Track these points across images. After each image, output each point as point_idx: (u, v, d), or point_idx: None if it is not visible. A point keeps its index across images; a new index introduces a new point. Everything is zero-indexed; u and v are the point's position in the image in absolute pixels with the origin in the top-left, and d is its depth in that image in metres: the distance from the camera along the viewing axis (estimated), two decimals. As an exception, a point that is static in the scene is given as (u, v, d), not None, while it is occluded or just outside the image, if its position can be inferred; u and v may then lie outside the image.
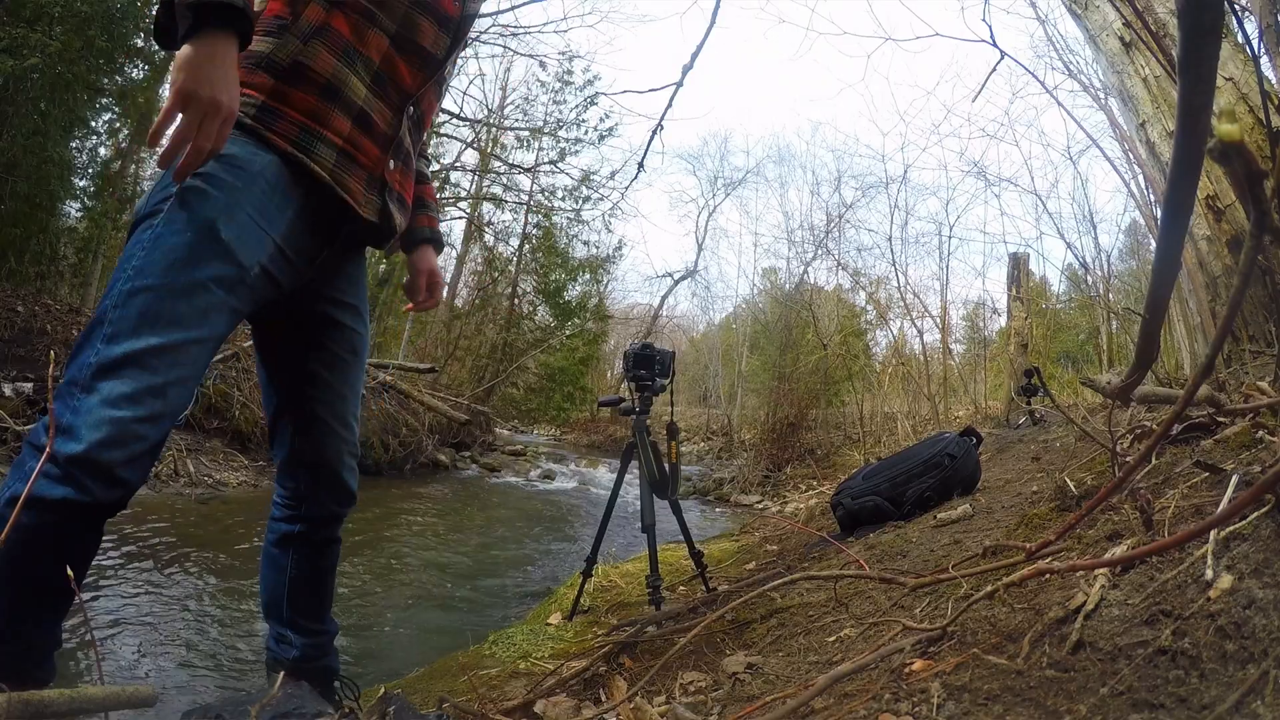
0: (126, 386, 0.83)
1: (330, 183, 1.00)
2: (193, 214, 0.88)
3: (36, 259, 6.96)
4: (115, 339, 0.84)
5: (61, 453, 0.80)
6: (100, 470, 0.82)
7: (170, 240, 0.87)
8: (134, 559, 2.50)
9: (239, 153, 0.93)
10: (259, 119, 0.95)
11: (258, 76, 0.96)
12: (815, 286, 11.33)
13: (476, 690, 1.41)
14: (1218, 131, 0.42)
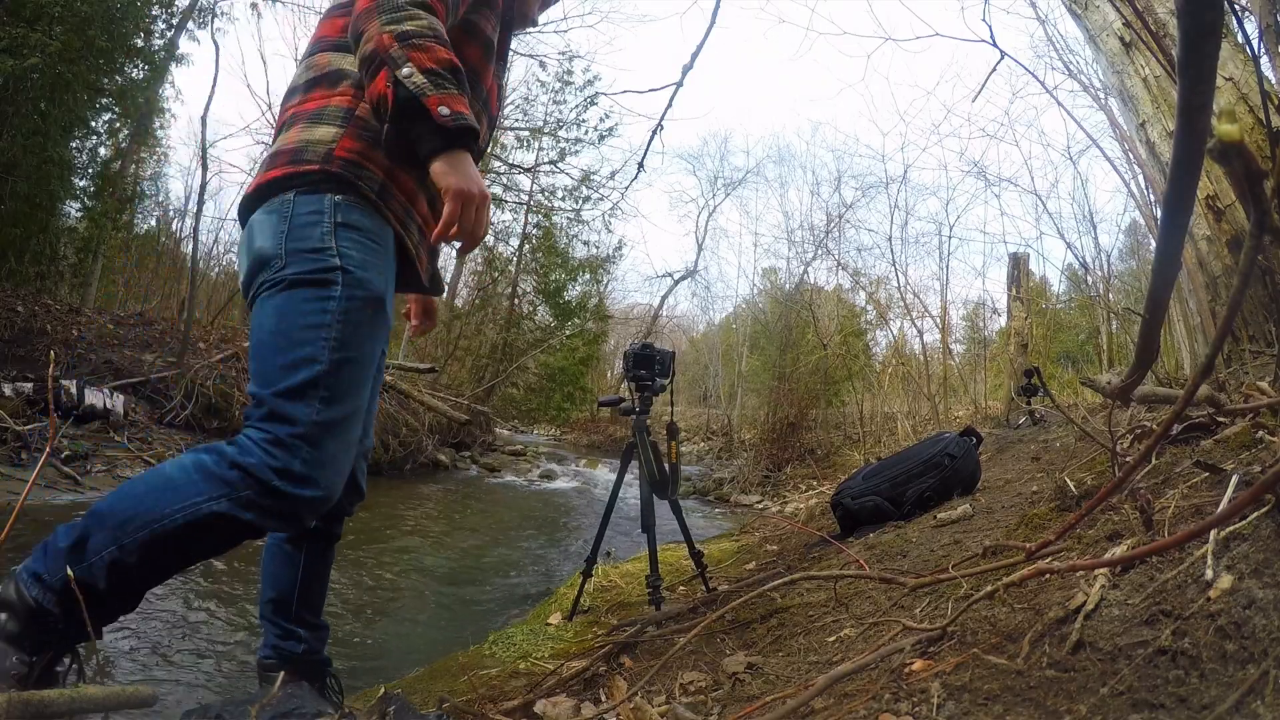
0: (340, 446, 1.00)
1: (415, 256, 1.18)
2: (369, 291, 1.04)
3: (36, 259, 6.96)
4: (332, 403, 0.99)
5: (300, 495, 0.95)
6: (325, 507, 1.00)
7: (359, 315, 1.03)
8: (134, 559, 2.50)
9: (373, 226, 1.08)
10: (380, 196, 1.08)
11: (377, 154, 1.08)
12: (815, 286, 11.34)
13: (476, 690, 1.41)
14: (1218, 131, 0.42)
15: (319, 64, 1.16)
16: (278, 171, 1.07)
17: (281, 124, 1.17)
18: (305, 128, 1.10)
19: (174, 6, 8.36)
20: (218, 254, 16.64)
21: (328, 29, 1.19)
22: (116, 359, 5.29)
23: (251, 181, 1.12)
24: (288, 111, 1.16)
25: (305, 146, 1.08)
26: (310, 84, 1.15)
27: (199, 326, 7.01)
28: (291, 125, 1.13)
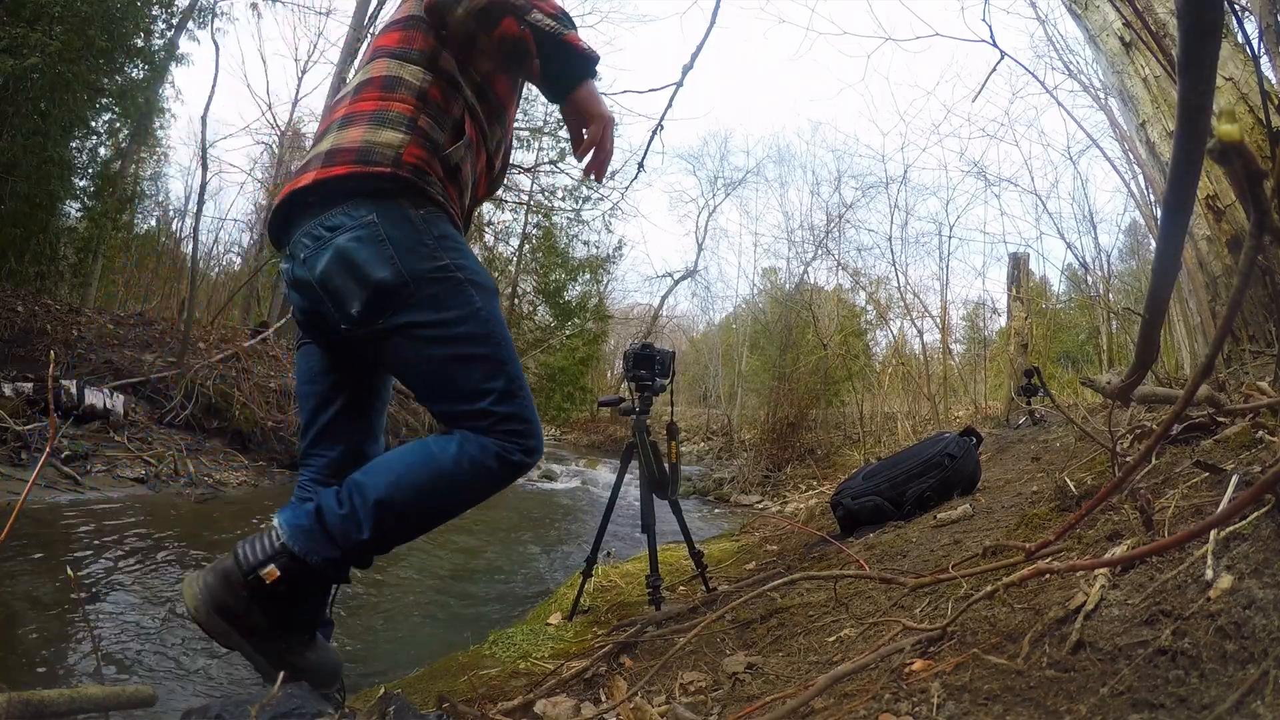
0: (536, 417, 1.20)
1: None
2: (489, 284, 1.19)
3: (36, 259, 6.96)
4: (522, 385, 1.17)
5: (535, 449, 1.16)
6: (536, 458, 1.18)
7: (495, 307, 1.18)
8: (134, 559, 2.50)
9: (454, 231, 1.19)
10: (443, 203, 1.18)
11: (437, 164, 1.18)
12: (815, 286, 11.34)
13: (476, 690, 1.41)
14: (1218, 131, 0.42)
15: (374, 69, 1.21)
16: (342, 169, 1.10)
17: (331, 122, 1.20)
18: (369, 129, 1.14)
19: (174, 6, 8.37)
20: (218, 254, 16.66)
21: (385, 40, 1.25)
22: (116, 359, 5.29)
23: (306, 174, 1.13)
24: (337, 111, 1.20)
25: (371, 148, 1.12)
26: (361, 85, 1.21)
27: (199, 326, 7.01)
28: (349, 124, 1.16)
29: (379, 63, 1.22)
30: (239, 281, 12.87)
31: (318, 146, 1.18)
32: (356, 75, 1.27)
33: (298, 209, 1.15)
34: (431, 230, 1.14)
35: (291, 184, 1.16)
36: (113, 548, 2.59)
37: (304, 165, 1.18)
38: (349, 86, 1.25)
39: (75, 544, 2.58)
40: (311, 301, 1.17)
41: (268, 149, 16.95)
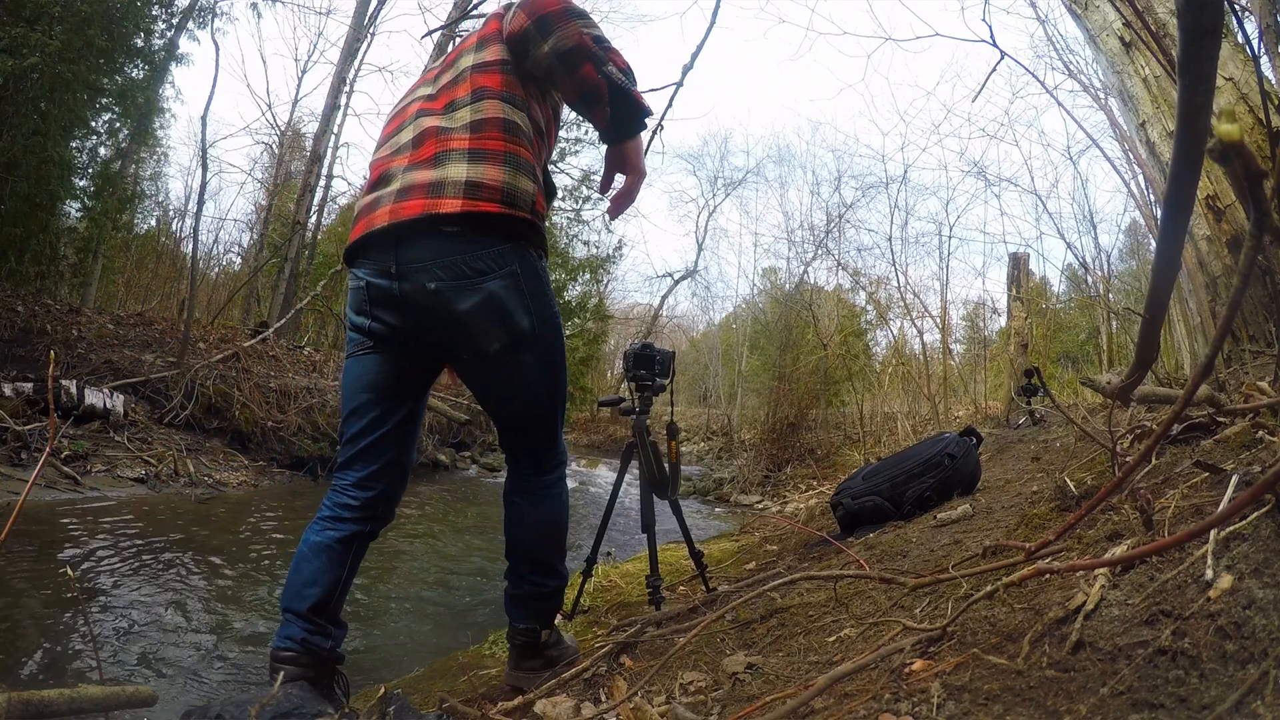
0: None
1: None
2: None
3: (36, 259, 6.95)
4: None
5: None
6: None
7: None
8: (134, 559, 2.50)
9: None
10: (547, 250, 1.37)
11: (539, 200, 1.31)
12: (815, 286, 11.34)
13: (476, 690, 1.41)
14: (1218, 131, 0.42)
15: (488, 109, 1.27)
16: (491, 207, 1.21)
17: (447, 150, 1.25)
18: (508, 172, 1.24)
19: (174, 6, 8.37)
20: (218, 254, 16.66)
21: (489, 80, 1.30)
22: (116, 359, 5.29)
23: (443, 199, 1.20)
24: (457, 140, 1.25)
25: (515, 191, 1.24)
26: (480, 124, 1.26)
27: (199, 326, 7.01)
28: (482, 160, 1.23)
29: (493, 104, 1.28)
30: (239, 281, 12.87)
31: (442, 170, 1.23)
32: (461, 109, 1.30)
33: (426, 230, 1.20)
34: (547, 279, 1.33)
35: (422, 203, 1.20)
36: (112, 548, 2.59)
37: (429, 187, 1.22)
38: (456, 120, 1.28)
39: (75, 544, 2.58)
40: (417, 322, 1.27)
41: (268, 149, 16.96)
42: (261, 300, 11.73)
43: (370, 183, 1.35)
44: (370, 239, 1.25)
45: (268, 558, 2.81)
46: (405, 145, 1.31)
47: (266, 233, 13.76)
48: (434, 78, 1.40)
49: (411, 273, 1.23)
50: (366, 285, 1.28)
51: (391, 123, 1.43)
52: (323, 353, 7.44)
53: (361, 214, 1.31)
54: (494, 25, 1.35)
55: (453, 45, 1.40)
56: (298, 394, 5.83)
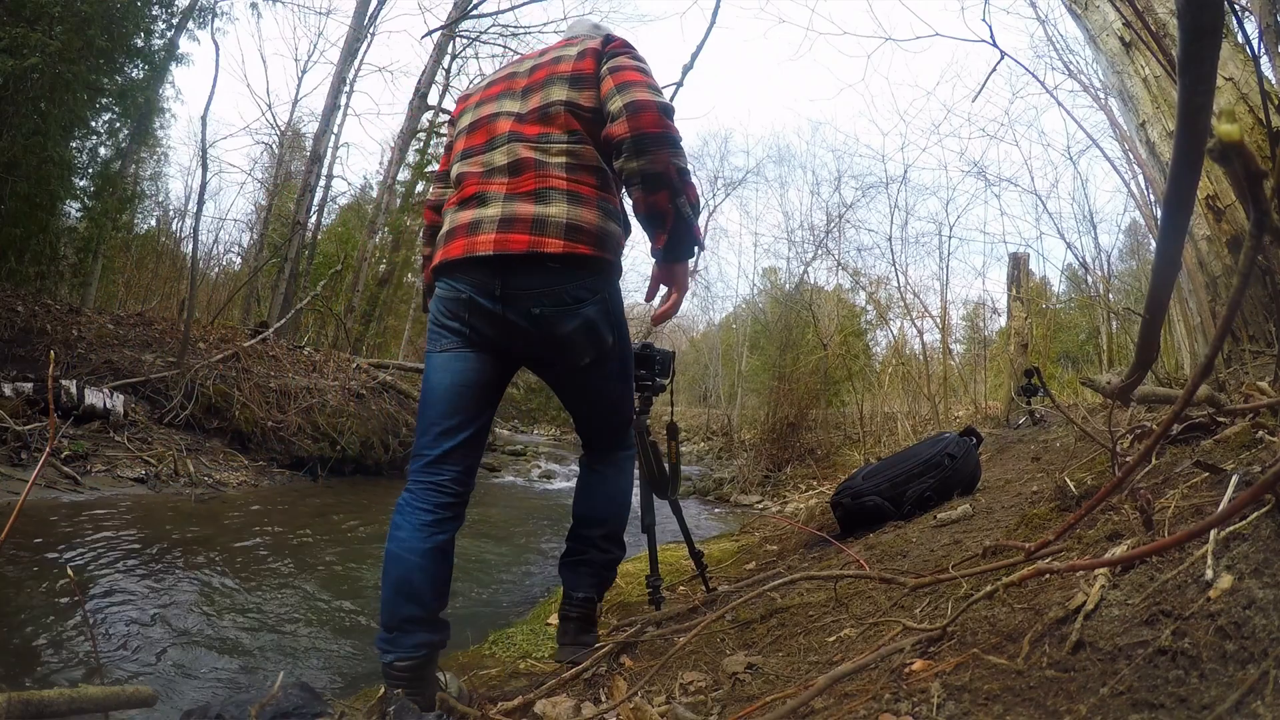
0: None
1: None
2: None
3: (36, 259, 6.95)
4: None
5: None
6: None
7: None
8: (134, 559, 2.50)
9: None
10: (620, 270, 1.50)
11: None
12: (815, 286, 11.33)
13: (476, 690, 1.41)
14: (1218, 131, 0.42)
15: (585, 155, 1.41)
16: (587, 249, 1.36)
17: (548, 186, 1.37)
18: (601, 217, 1.40)
19: (174, 6, 8.36)
20: (218, 254, 16.66)
21: (578, 124, 1.42)
22: (116, 359, 5.29)
23: (546, 239, 1.33)
24: (555, 179, 1.38)
25: (607, 237, 1.41)
26: (576, 168, 1.40)
27: (199, 326, 7.01)
28: (580, 203, 1.38)
29: (589, 150, 1.42)
30: (239, 281, 12.87)
31: (544, 208, 1.35)
32: (556, 144, 1.41)
33: (529, 264, 1.34)
34: (622, 303, 1.52)
35: (527, 239, 1.33)
36: (113, 548, 2.59)
37: (532, 223, 1.34)
38: (548, 154, 1.40)
39: (75, 544, 2.58)
40: (517, 338, 1.42)
41: (268, 149, 16.96)
42: (261, 300, 11.73)
43: (463, 197, 1.45)
44: (473, 262, 1.37)
45: (268, 558, 2.81)
46: (500, 169, 1.41)
47: (266, 233, 13.76)
48: (521, 89, 1.49)
49: (517, 299, 1.36)
50: (470, 299, 1.39)
51: (477, 133, 1.50)
52: (323, 353, 7.44)
53: (459, 233, 1.40)
54: (589, 64, 1.45)
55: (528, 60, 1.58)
56: (298, 394, 5.83)
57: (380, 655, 1.30)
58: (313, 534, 3.35)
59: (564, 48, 1.52)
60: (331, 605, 2.34)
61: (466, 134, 1.52)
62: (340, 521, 3.77)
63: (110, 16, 6.54)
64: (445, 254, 1.42)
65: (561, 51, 1.50)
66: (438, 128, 13.06)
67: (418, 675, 1.28)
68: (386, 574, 1.36)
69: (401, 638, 1.30)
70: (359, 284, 10.99)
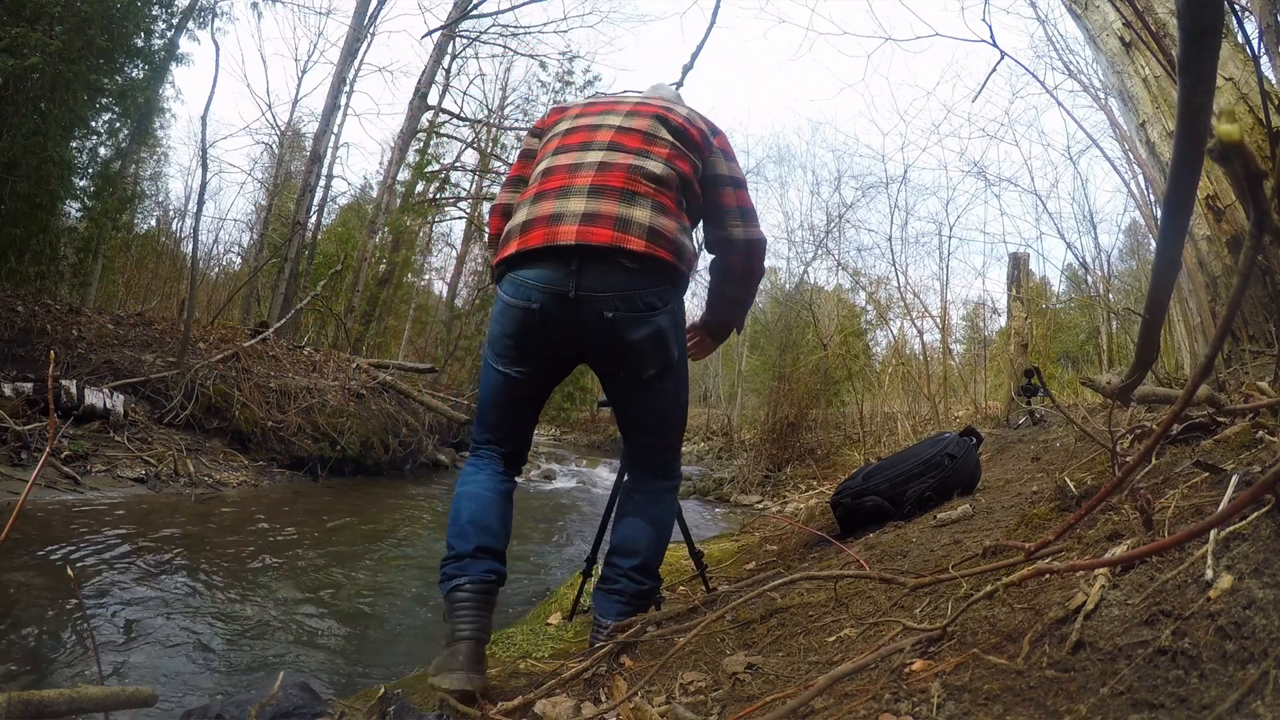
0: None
1: None
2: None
3: (36, 259, 6.95)
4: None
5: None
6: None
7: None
8: (134, 559, 2.50)
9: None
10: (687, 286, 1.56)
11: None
12: (815, 286, 11.34)
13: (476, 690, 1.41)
14: (1218, 131, 0.42)
15: (669, 178, 1.48)
16: (666, 255, 1.41)
17: (636, 190, 1.44)
18: (680, 231, 1.46)
19: (174, 6, 8.36)
20: (218, 254, 16.66)
21: (665, 150, 1.52)
22: (116, 359, 5.29)
23: (629, 236, 1.38)
24: (645, 187, 1.44)
25: (683, 248, 1.46)
26: (664, 185, 1.47)
27: (199, 326, 7.01)
28: (663, 213, 1.44)
29: (672, 174, 1.49)
30: (239, 281, 12.87)
31: (628, 209, 1.40)
32: (653, 161, 1.49)
33: (606, 262, 1.38)
34: (685, 321, 1.61)
35: (610, 233, 1.37)
36: (113, 548, 2.59)
37: (616, 220, 1.39)
38: (641, 163, 1.47)
39: (75, 544, 2.58)
40: (586, 342, 1.46)
41: (268, 149, 16.96)
42: (261, 300, 11.74)
43: (545, 188, 1.47)
44: (551, 252, 1.39)
45: (268, 558, 2.81)
46: (591, 165, 1.46)
47: (266, 233, 13.76)
48: (625, 111, 1.58)
49: (591, 301, 1.39)
50: (540, 308, 1.42)
51: (576, 134, 1.56)
52: (323, 353, 7.43)
53: (538, 223, 1.42)
54: (697, 135, 1.58)
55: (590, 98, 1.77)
56: (298, 394, 5.83)
57: (444, 584, 1.41)
58: (313, 534, 3.35)
59: (667, 102, 1.65)
60: (332, 605, 2.34)
61: (562, 136, 1.58)
62: (340, 522, 3.77)
63: (110, 16, 6.54)
64: (522, 243, 1.42)
65: (667, 103, 1.63)
66: (438, 128, 13.06)
67: (483, 600, 1.38)
68: (459, 512, 1.49)
69: (473, 564, 1.41)
70: (359, 284, 10.98)
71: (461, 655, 1.29)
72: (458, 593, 1.38)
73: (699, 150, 1.58)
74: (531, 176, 1.58)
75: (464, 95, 13.83)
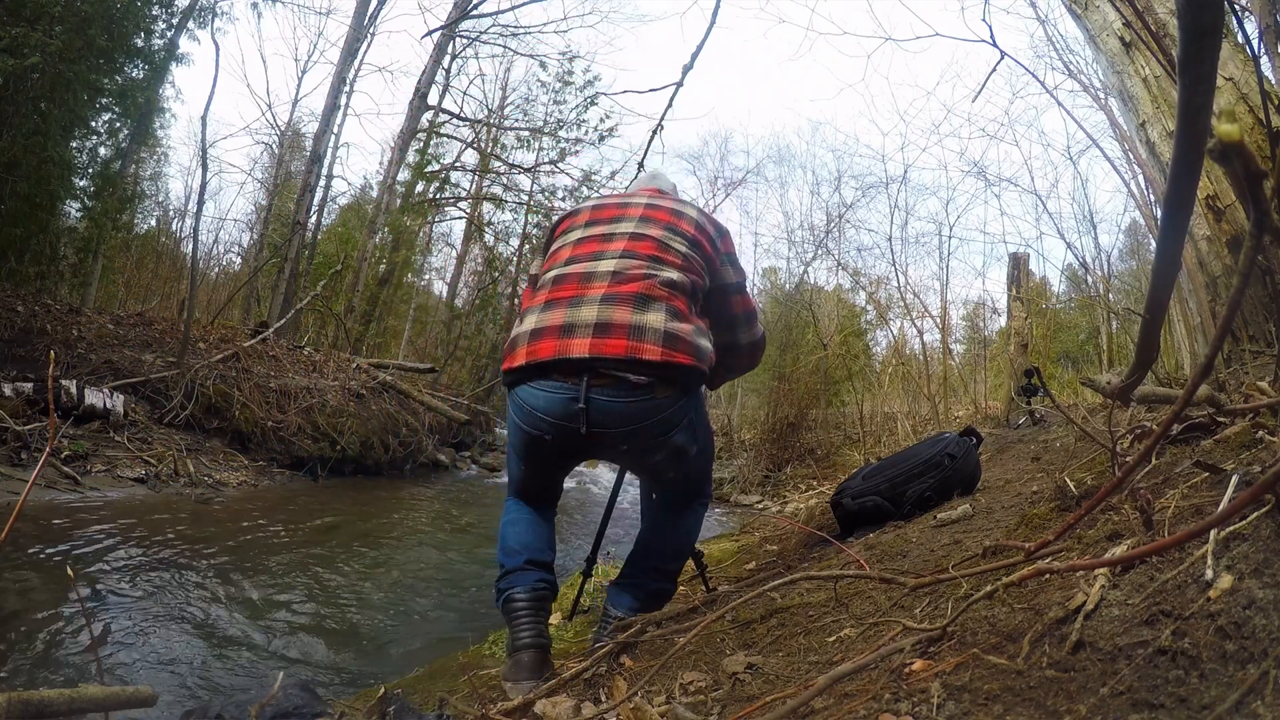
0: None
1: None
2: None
3: (36, 259, 6.94)
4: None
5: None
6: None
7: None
8: (134, 559, 2.50)
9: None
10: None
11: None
12: (815, 286, 11.33)
13: (476, 690, 1.41)
14: (1218, 131, 0.42)
15: (681, 284, 1.50)
16: (685, 359, 1.41)
17: (652, 295, 1.44)
18: (695, 333, 1.46)
19: (174, 6, 8.35)
20: (217, 254, 16.65)
21: (675, 258, 1.54)
22: (116, 359, 5.29)
23: (645, 345, 1.39)
24: (660, 291, 1.46)
25: (702, 351, 1.46)
26: (678, 291, 1.48)
27: (199, 326, 7.01)
28: (679, 318, 1.45)
29: (686, 279, 1.51)
30: (239, 281, 12.87)
31: (642, 315, 1.41)
32: (666, 269, 1.51)
33: (619, 381, 1.39)
34: (705, 410, 1.73)
35: (624, 343, 1.38)
36: (113, 548, 2.59)
37: (629, 329, 1.39)
38: (654, 270, 1.49)
39: (75, 544, 2.58)
40: (601, 449, 1.53)
41: (268, 149, 16.96)
42: (261, 300, 11.73)
43: (555, 296, 1.47)
44: (561, 365, 1.39)
45: (268, 558, 2.81)
46: (604, 274, 1.47)
47: (266, 233, 13.76)
48: (637, 218, 1.60)
49: (603, 437, 1.43)
50: (553, 439, 1.46)
51: (588, 244, 1.57)
52: (323, 353, 7.43)
53: (548, 333, 1.42)
54: (706, 243, 1.63)
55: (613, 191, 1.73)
56: (298, 394, 5.83)
57: (499, 597, 1.49)
58: (312, 534, 3.35)
59: (675, 205, 1.68)
60: (332, 605, 2.34)
61: (574, 245, 1.59)
62: (340, 522, 3.77)
63: (110, 16, 6.54)
64: (531, 353, 1.42)
65: (676, 208, 1.67)
66: (438, 128, 13.06)
67: (537, 607, 1.45)
68: (506, 538, 1.57)
69: (523, 576, 1.49)
70: (359, 284, 10.98)
71: (526, 662, 1.35)
72: (513, 602, 1.44)
73: (710, 260, 1.63)
74: (541, 281, 1.57)
75: (464, 95, 13.84)
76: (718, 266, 1.66)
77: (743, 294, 1.74)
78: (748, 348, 1.79)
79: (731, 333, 1.74)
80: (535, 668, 1.34)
